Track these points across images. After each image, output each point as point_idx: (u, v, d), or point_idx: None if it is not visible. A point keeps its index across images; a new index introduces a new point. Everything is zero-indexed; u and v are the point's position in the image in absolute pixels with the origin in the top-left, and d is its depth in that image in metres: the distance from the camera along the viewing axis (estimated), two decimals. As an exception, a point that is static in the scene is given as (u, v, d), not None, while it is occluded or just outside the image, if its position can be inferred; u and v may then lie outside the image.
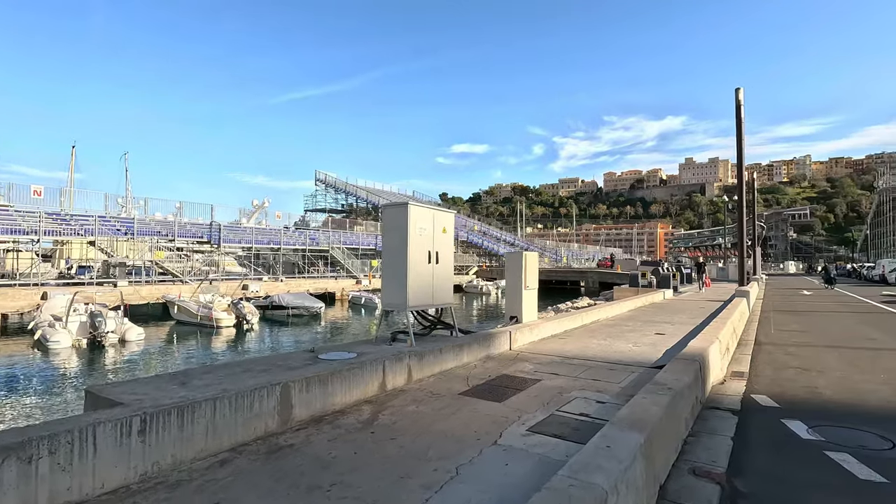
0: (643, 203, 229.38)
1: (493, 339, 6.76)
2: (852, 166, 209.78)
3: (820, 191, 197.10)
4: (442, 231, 6.25)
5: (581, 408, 4.41)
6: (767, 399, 5.67)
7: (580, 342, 7.94)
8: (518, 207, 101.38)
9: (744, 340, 9.96)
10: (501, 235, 70.68)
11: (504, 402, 4.59)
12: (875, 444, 4.23)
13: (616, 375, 5.67)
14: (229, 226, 35.28)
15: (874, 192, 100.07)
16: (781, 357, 8.25)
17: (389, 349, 5.40)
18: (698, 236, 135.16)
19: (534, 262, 8.35)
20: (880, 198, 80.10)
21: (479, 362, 6.23)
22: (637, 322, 10.86)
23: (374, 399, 4.60)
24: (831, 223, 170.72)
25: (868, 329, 11.72)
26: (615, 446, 2.95)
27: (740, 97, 16.55)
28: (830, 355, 8.39)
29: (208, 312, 21.71)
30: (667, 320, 11.29)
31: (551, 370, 5.89)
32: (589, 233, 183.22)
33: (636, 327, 9.96)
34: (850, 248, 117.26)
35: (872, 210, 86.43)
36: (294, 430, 3.78)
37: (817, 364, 7.62)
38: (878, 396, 5.75)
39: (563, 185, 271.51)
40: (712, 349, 6.46)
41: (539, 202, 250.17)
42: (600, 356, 6.79)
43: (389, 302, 5.82)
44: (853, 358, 8.10)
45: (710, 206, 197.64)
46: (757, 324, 12.89)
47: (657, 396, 4.05)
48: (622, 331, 9.37)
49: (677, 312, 13.26)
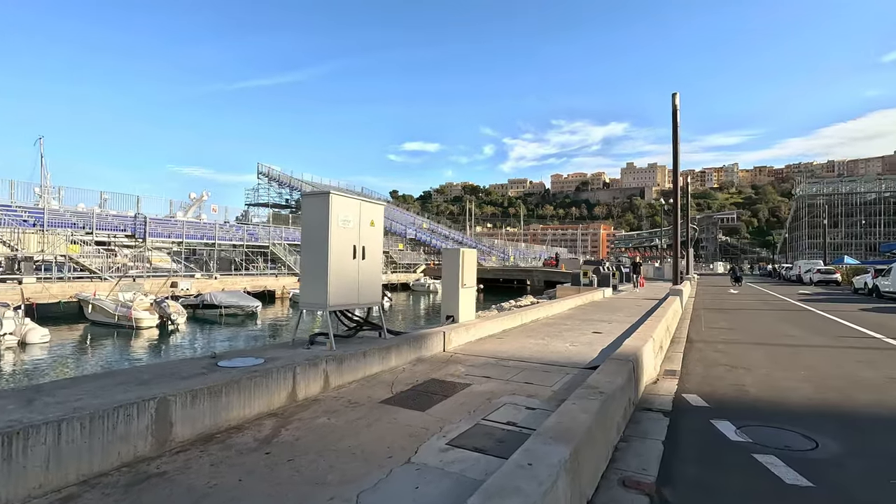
0: (587, 205, 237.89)
1: (426, 341, 6.35)
2: (774, 175, 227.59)
3: (746, 197, 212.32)
4: (370, 224, 5.76)
5: (509, 415, 4.08)
6: (698, 399, 5.62)
7: (517, 342, 7.70)
8: (467, 206, 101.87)
9: (677, 338, 10.15)
10: (450, 233, 70.65)
11: (427, 410, 4.19)
12: (800, 445, 4.18)
13: (550, 378, 5.42)
14: (158, 219, 32.81)
15: (792, 198, 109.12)
16: (711, 355, 8.40)
17: (305, 353, 4.86)
18: (637, 237, 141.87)
19: (472, 260, 8.03)
20: (797, 204, 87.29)
21: (409, 365, 5.80)
22: (576, 321, 10.83)
23: (280, 411, 4.06)
24: (755, 227, 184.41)
25: (788, 326, 12.34)
26: (537, 464, 2.61)
27: (676, 102, 17.12)
28: (756, 352, 8.65)
29: (127, 312, 19.90)
30: (605, 319, 11.35)
31: (484, 373, 5.56)
32: (536, 232, 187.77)
33: (574, 326, 9.90)
34: (771, 250, 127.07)
35: (791, 215, 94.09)
36: (172, 454, 3.19)
37: (744, 361, 7.79)
38: (800, 394, 5.85)
39: (513, 185, 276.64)
40: (646, 348, 6.38)
41: (489, 202, 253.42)
42: (536, 357, 6.55)
43: (308, 301, 5.26)
44: (776, 355, 8.37)
45: (649, 208, 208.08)
46: (689, 321, 13.30)
47: (588, 402, 3.79)
48: (560, 330, 9.26)
49: (615, 311, 13.45)
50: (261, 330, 23.18)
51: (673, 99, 17.15)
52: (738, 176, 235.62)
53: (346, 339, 5.71)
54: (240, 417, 3.77)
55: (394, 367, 5.61)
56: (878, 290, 22.01)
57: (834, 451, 4.07)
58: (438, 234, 67.47)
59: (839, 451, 4.05)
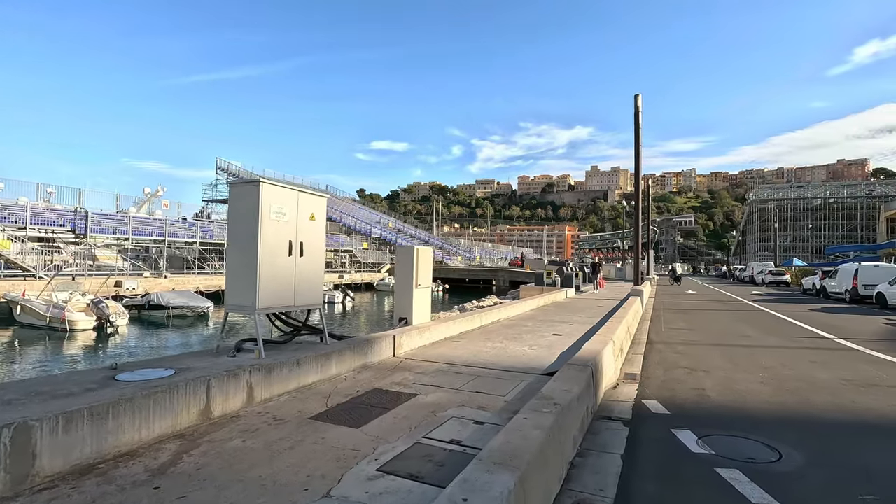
0: (553, 206, 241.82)
1: (373, 346, 5.85)
2: (728, 180, 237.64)
3: (702, 201, 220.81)
4: (310, 218, 5.22)
5: (454, 432, 3.64)
6: (658, 405, 5.36)
7: (474, 346, 7.30)
8: (435, 206, 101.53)
9: (637, 339, 10.02)
10: (416, 233, 69.98)
11: (363, 427, 3.70)
12: (763, 456, 3.93)
13: (504, 386, 5.02)
14: (103, 214, 30.73)
15: (745, 203, 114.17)
16: (671, 356, 8.25)
17: (228, 362, 4.28)
18: (601, 239, 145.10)
19: (427, 258, 7.58)
20: (750, 208, 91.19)
21: (352, 374, 5.29)
22: (537, 322, 10.55)
23: (189, 432, 3.49)
24: (711, 230, 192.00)
25: (744, 326, 12.47)
26: (474, 499, 2.18)
27: (639, 103, 17.21)
28: (714, 353, 8.57)
29: (60, 313, 18.38)
30: (566, 320, 11.13)
31: (433, 381, 5.11)
32: (503, 233, 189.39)
33: (535, 328, 9.60)
34: (725, 252, 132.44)
35: (744, 218, 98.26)
36: (33, 493, 2.59)
37: (703, 363, 7.66)
38: (759, 398, 5.68)
39: (480, 185, 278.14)
40: (606, 352, 6.10)
41: (456, 202, 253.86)
42: (492, 362, 6.15)
43: (234, 303, 4.68)
44: (734, 356, 8.30)
45: (612, 211, 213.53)
46: (649, 322, 13.29)
47: (541, 416, 3.40)
48: (520, 332, 8.92)
49: (577, 311, 13.29)
50: (213, 332, 21.98)
51: (635, 100, 17.24)
52: (696, 181, 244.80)
53: (280, 346, 5.14)
54: (134, 442, 3.18)
55: (334, 375, 5.09)
56: (825, 291, 22.92)
57: (797, 462, 3.84)
58: (405, 233, 66.69)
59: (803, 463, 3.82)
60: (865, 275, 19.56)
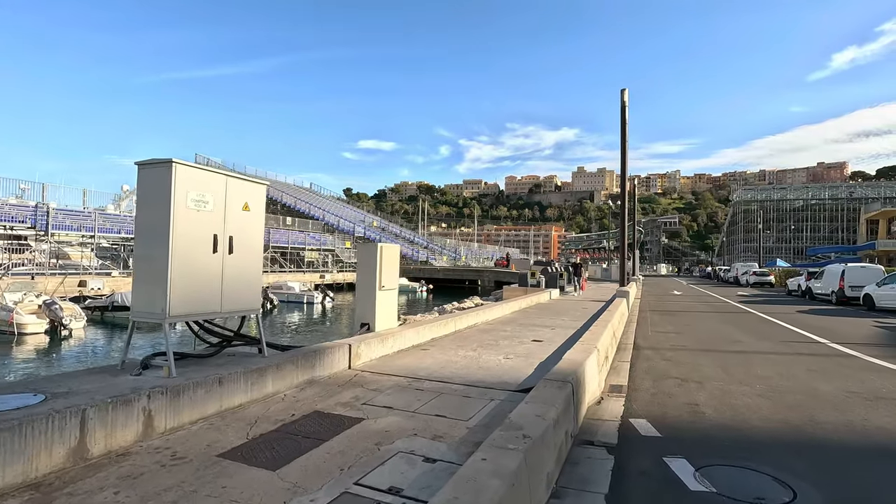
0: (540, 207, 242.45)
1: (323, 357, 5.07)
2: (712, 182, 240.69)
3: (686, 202, 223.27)
4: (243, 208, 4.42)
5: (396, 474, 2.89)
6: (648, 426, 4.68)
7: (444, 354, 6.56)
8: (420, 205, 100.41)
9: (623, 344, 9.38)
10: (401, 232, 69.01)
11: (282, 468, 2.93)
12: (774, 495, 3.26)
13: (469, 406, 4.28)
14: (67, 210, 29.30)
15: (729, 204, 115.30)
16: (660, 364, 7.62)
17: (125, 383, 3.47)
18: (587, 239, 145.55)
19: (392, 256, 6.82)
20: (734, 209, 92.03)
21: (294, 392, 4.51)
22: (517, 326, 9.84)
23: (49, 480, 2.68)
24: (695, 231, 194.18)
25: (733, 330, 11.94)
26: None
27: (625, 98, 16.66)
28: (706, 361, 7.96)
29: (8, 316, 17.13)
30: (548, 324, 10.45)
31: (388, 401, 4.36)
32: (491, 233, 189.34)
33: (514, 333, 8.89)
34: (709, 253, 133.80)
35: (728, 219, 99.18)
36: None
37: (695, 372, 7.03)
38: (759, 415, 5.04)
39: (468, 185, 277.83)
40: (589, 363, 5.42)
41: (444, 202, 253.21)
42: (461, 375, 5.42)
43: (141, 309, 3.86)
44: (727, 364, 7.69)
45: (598, 211, 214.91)
46: (636, 325, 12.70)
47: (504, 456, 2.67)
48: (498, 338, 8.20)
49: (560, 314, 12.64)
50: (180, 335, 20.88)
51: (622, 95, 16.68)
52: (680, 182, 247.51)
53: (204, 360, 4.33)
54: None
55: (270, 395, 4.30)
56: (810, 293, 22.68)
57: (815, 503, 3.18)
58: (390, 232, 65.70)
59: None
60: (852, 276, 19.28)
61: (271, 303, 27.17)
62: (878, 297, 16.98)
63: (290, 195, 60.04)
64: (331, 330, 23.23)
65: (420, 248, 61.58)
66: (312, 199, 67.12)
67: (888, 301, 16.56)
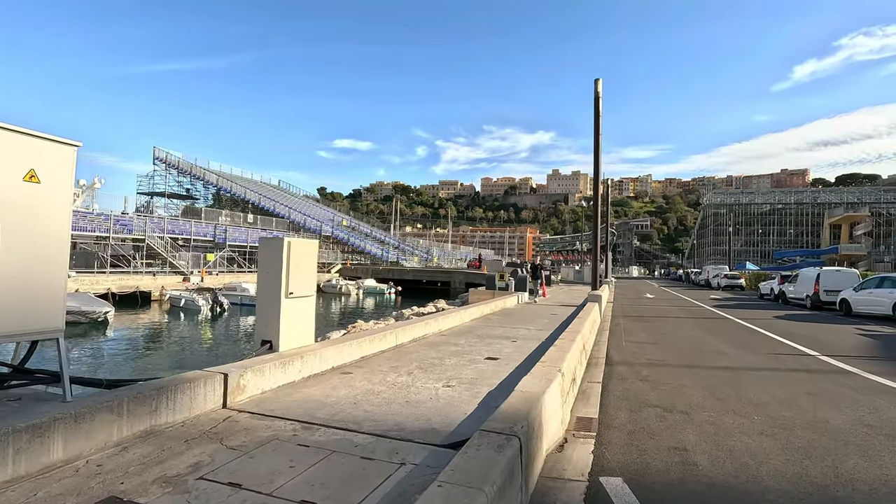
0: (515, 209, 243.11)
1: (176, 394, 3.58)
2: (682, 187, 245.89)
3: (658, 206, 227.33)
4: (26, 178, 2.90)
5: None
6: (624, 489, 3.39)
7: (369, 381, 5.13)
8: (394, 205, 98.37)
9: (594, 359, 8.15)
10: (372, 231, 67.02)
11: None
12: None
13: (362, 481, 2.86)
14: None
15: (699, 208, 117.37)
16: (637, 386, 6.38)
17: None
18: (561, 241, 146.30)
19: (306, 255, 5.36)
20: (704, 212, 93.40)
21: (107, 455, 3.01)
22: (472, 338, 8.49)
23: None
24: (665, 234, 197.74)
25: (713, 339, 10.90)
26: None
27: (599, 89, 15.58)
28: (689, 380, 6.77)
29: None
30: (509, 334, 9.13)
31: (245, 469, 2.91)
32: (466, 234, 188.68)
33: (467, 347, 7.52)
34: (679, 256, 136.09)
35: (698, 222, 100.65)
36: None
37: (679, 397, 5.81)
38: (770, 467, 3.80)
39: (444, 186, 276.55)
40: (550, 395, 4.10)
41: (419, 202, 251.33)
42: (375, 416, 4.00)
43: None
44: (714, 385, 6.51)
45: (572, 214, 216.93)
46: (608, 333, 11.56)
47: None
48: (445, 354, 6.82)
49: (526, 322, 11.37)
50: (112, 343, 18.82)
51: (595, 85, 15.59)
52: (652, 186, 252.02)
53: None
54: None
55: (56, 464, 2.80)
56: (784, 296, 22.15)
57: None
58: (360, 231, 63.65)
59: None
60: (827, 280, 18.71)
61: (221, 306, 25.16)
62: (855, 302, 16.36)
63: (255, 192, 57.37)
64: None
65: (391, 249, 59.84)
66: (280, 196, 64.56)
67: (865, 306, 15.94)
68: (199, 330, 22.36)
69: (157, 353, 17.72)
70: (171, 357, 16.74)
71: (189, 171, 57.14)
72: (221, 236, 37.20)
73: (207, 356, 16.28)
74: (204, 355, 16.67)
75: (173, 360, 16.00)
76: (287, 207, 56.15)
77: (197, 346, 19.17)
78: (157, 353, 17.71)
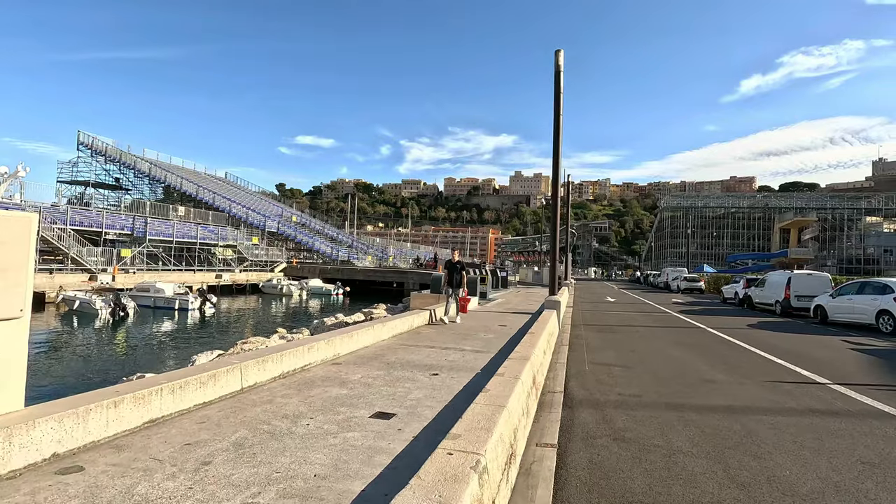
0: (478, 209, 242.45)
1: None
2: (638, 191, 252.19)
3: (616, 209, 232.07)
4: None
5: None
6: None
7: (91, 499, 2.52)
8: (350, 203, 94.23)
9: (548, 394, 5.86)
10: (325, 228, 63.22)
11: None
12: None
13: None
14: None
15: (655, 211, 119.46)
16: (611, 455, 4.06)
17: None
18: (522, 242, 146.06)
19: (16, 239, 2.67)
20: (661, 215, 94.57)
21: None
22: (377, 368, 5.98)
23: None
24: (622, 237, 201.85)
25: (695, 359, 8.85)
26: None
27: (560, 61, 13.43)
28: (684, 438, 4.53)
29: None
30: (434, 360, 6.67)
31: None
32: (428, 234, 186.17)
33: (358, 389, 5.01)
34: (636, 258, 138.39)
35: (655, 225, 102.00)
36: None
37: (678, 481, 3.52)
38: None
39: (406, 186, 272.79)
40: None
41: (382, 201, 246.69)
42: None
43: None
44: (724, 451, 4.27)
45: (534, 215, 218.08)
46: (567, 349, 9.35)
47: None
48: (310, 408, 4.28)
49: (465, 338, 8.98)
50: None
51: (556, 58, 13.45)
52: (610, 190, 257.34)
53: None
54: None
55: None
56: (750, 301, 20.83)
57: None
58: (311, 228, 59.85)
59: None
60: (799, 285, 17.34)
61: (123, 310, 21.50)
62: (832, 309, 14.92)
63: (193, 183, 52.50)
64: (161, 357, 15.93)
65: (342, 247, 56.41)
66: (225, 189, 59.85)
67: (844, 314, 14.48)
68: (85, 340, 18.59)
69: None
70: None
71: (118, 159, 51.67)
72: (141, 229, 32.84)
73: (53, 385, 12.42)
74: (51, 384, 12.70)
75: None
76: (228, 201, 51.70)
77: (58, 366, 14.75)
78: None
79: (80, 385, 12.18)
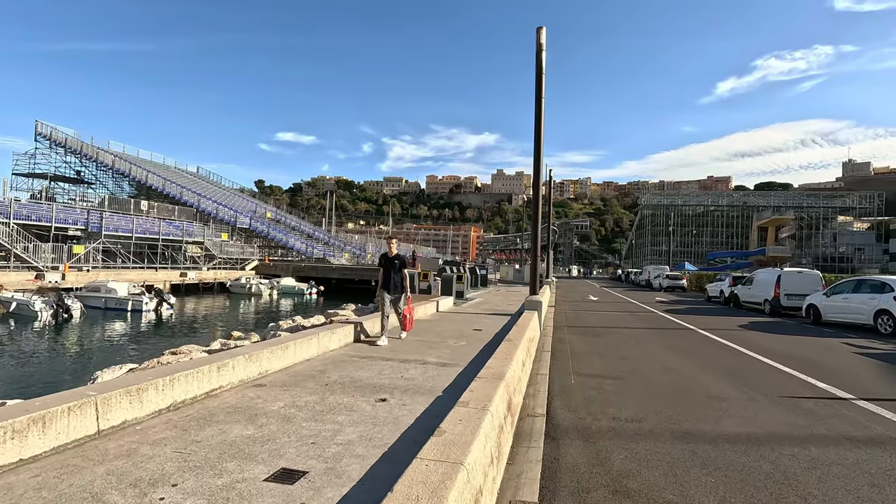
0: (460, 207, 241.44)
1: None
2: (618, 190, 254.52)
3: (596, 208, 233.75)
4: None
5: None
6: None
7: None
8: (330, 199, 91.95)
9: (527, 419, 4.70)
10: (300, 225, 61.19)
11: None
12: None
13: None
14: None
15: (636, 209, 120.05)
16: None
17: None
18: (504, 240, 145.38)
19: None
20: (641, 213, 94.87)
21: None
22: (312, 392, 4.73)
23: None
24: (603, 235, 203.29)
25: (693, 368, 7.81)
26: None
27: (542, 39, 12.30)
28: (699, 485, 3.38)
29: None
30: (386, 379, 5.44)
31: None
32: (410, 232, 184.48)
33: (273, 428, 3.76)
34: (616, 256, 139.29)
35: (636, 223, 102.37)
36: None
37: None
38: None
39: (388, 183, 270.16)
40: None
41: (363, 198, 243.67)
42: None
43: None
44: (750, 496, 3.15)
45: (516, 214, 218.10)
46: (550, 356, 8.24)
47: None
48: (183, 466, 3.00)
49: (432, 346, 7.77)
50: None
51: (538, 35, 12.32)
52: (591, 189, 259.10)
53: None
54: None
55: None
56: (736, 300, 20.11)
57: None
58: (285, 224, 57.81)
59: None
60: (789, 284, 16.61)
61: (66, 311, 19.66)
62: (826, 308, 14.16)
63: (160, 176, 49.95)
64: (71, 368, 13.57)
65: (319, 244, 54.52)
66: (195, 184, 57.32)
67: (839, 314, 13.72)
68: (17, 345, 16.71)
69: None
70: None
71: (79, 151, 48.84)
72: (96, 224, 30.60)
73: None
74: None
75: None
76: (198, 196, 49.35)
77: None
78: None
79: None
